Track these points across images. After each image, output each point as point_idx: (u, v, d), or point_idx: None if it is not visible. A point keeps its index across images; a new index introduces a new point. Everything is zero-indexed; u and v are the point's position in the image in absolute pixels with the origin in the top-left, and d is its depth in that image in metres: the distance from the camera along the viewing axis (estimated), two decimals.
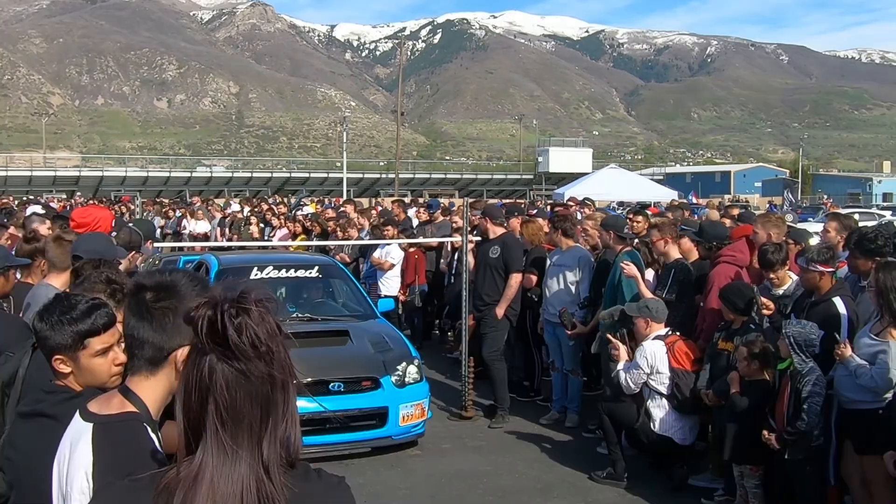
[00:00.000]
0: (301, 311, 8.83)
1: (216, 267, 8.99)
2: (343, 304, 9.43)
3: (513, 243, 9.15)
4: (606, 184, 27.39)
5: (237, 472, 1.51)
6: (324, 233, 14.43)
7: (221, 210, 21.89)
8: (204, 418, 1.52)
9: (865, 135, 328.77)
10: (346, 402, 7.23)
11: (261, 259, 9.90)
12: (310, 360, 7.07)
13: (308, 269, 9.41)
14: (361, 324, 8.51)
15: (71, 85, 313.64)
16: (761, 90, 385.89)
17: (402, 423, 7.45)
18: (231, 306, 1.51)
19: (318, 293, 9.63)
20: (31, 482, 2.32)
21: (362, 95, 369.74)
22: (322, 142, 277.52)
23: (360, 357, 7.69)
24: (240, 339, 1.49)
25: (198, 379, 1.52)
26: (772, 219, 7.67)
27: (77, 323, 2.50)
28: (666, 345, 6.80)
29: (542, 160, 75.59)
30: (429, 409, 7.81)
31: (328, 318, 8.80)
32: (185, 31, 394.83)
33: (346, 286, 9.60)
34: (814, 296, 5.93)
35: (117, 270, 3.43)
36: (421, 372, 7.83)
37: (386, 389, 7.41)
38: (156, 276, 2.14)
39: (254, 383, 1.51)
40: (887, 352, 5.13)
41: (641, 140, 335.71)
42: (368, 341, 7.94)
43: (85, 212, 6.23)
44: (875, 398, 5.25)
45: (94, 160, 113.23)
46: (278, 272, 9.02)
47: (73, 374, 2.51)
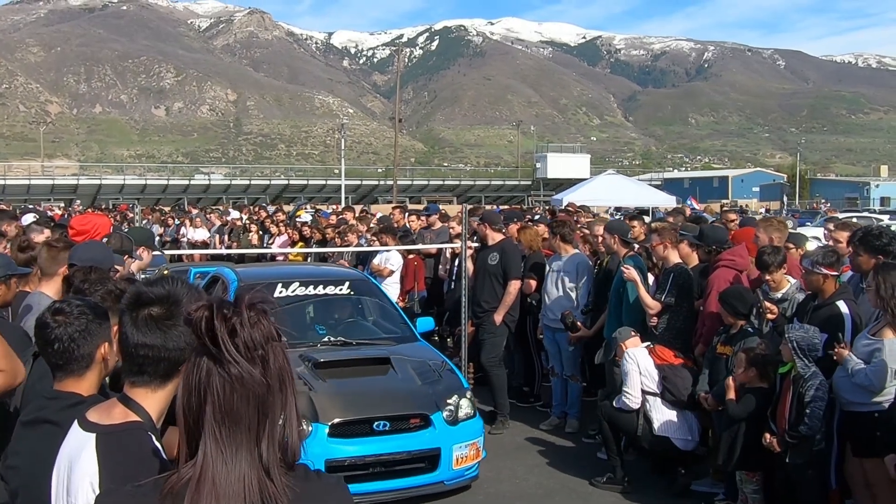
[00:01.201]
0: (332, 333, 7.78)
1: (235, 283, 8.13)
2: (378, 324, 8.45)
3: (512, 250, 9.15)
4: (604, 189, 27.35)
5: (238, 472, 1.53)
6: (323, 240, 14.43)
7: (220, 217, 21.90)
8: (202, 419, 1.54)
9: (862, 139, 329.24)
10: (392, 444, 6.29)
11: (285, 273, 8.86)
12: (348, 394, 6.42)
13: (338, 285, 8.31)
14: (401, 348, 7.52)
15: (69, 93, 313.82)
16: (758, 95, 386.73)
17: (455, 465, 6.52)
18: (225, 310, 1.53)
19: (351, 312, 8.64)
20: (37, 489, 2.32)
21: (360, 102, 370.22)
22: (320, 149, 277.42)
23: (407, 390, 6.69)
24: (233, 342, 1.51)
25: (196, 381, 1.55)
26: (773, 223, 7.70)
27: None
28: (647, 350, 6.92)
29: (540, 166, 75.77)
30: (484, 448, 6.87)
31: (364, 341, 7.75)
32: (183, 39, 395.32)
33: (380, 304, 8.62)
34: (817, 300, 5.93)
35: (110, 277, 3.45)
36: (474, 406, 6.87)
37: (437, 428, 6.44)
38: (157, 288, 2.12)
39: (249, 386, 1.53)
40: (882, 349, 5.14)
41: (639, 145, 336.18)
42: (413, 370, 6.95)
43: (84, 219, 6.25)
44: (873, 399, 5.25)
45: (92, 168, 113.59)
46: (305, 289, 8.03)
47: (103, 366, 2.58)
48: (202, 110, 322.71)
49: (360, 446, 6.17)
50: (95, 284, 3.29)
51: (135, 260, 5.31)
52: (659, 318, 7.41)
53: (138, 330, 2.06)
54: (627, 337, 7.06)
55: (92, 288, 3.26)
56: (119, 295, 3.09)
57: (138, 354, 2.07)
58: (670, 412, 6.71)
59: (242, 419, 1.54)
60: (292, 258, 15.03)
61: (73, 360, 2.53)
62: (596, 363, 8.43)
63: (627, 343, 6.99)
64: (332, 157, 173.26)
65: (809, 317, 5.81)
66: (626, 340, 7.02)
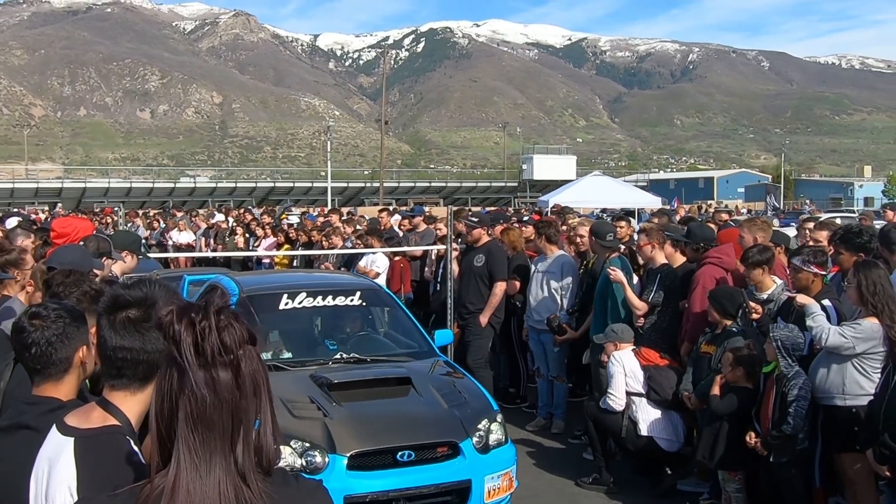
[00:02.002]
0: (344, 349, 7.06)
1: (236, 293, 7.32)
2: (393, 338, 7.72)
3: (497, 251, 9.17)
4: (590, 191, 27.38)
5: (212, 479, 1.50)
6: (309, 242, 14.41)
7: (206, 220, 21.82)
8: (175, 426, 1.51)
9: (846, 140, 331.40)
10: (418, 477, 5.59)
11: (290, 283, 8.08)
12: (367, 420, 5.77)
13: (348, 294, 7.57)
14: (421, 365, 6.84)
15: (53, 96, 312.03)
16: (743, 96, 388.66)
17: (487, 499, 5.82)
18: (193, 314, 1.51)
19: (362, 325, 7.86)
20: (16, 495, 2.30)
21: (346, 105, 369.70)
22: (306, 151, 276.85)
23: (432, 415, 5.98)
24: (202, 347, 1.49)
25: (168, 387, 1.53)
26: (757, 223, 7.74)
27: None
28: (632, 352, 6.95)
29: (527, 168, 75.88)
30: (516, 478, 6.13)
31: (379, 358, 7.04)
32: (168, 42, 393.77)
33: (395, 315, 7.86)
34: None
35: (88, 279, 3.43)
36: (505, 431, 6.15)
37: (467, 457, 5.74)
38: (135, 291, 2.11)
39: (220, 392, 1.50)
40: (861, 326, 5.23)
41: (625, 147, 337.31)
42: (437, 391, 6.22)
43: (65, 222, 6.21)
44: (846, 392, 5.31)
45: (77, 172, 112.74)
46: (313, 300, 7.34)
47: (81, 370, 2.54)
48: (187, 113, 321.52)
49: (383, 480, 5.50)
50: (71, 287, 3.26)
51: (115, 261, 5.27)
52: (645, 319, 7.43)
53: (116, 333, 2.05)
54: (628, 339, 7.05)
55: (67, 290, 3.24)
56: (95, 296, 3.07)
57: (117, 357, 2.06)
58: (655, 412, 6.73)
59: (215, 425, 1.51)
60: (278, 261, 15.01)
61: (50, 365, 2.50)
62: (583, 363, 8.48)
63: (622, 345, 6.99)
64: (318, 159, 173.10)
65: (794, 315, 5.84)
66: (622, 342, 7.00)
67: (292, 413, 5.63)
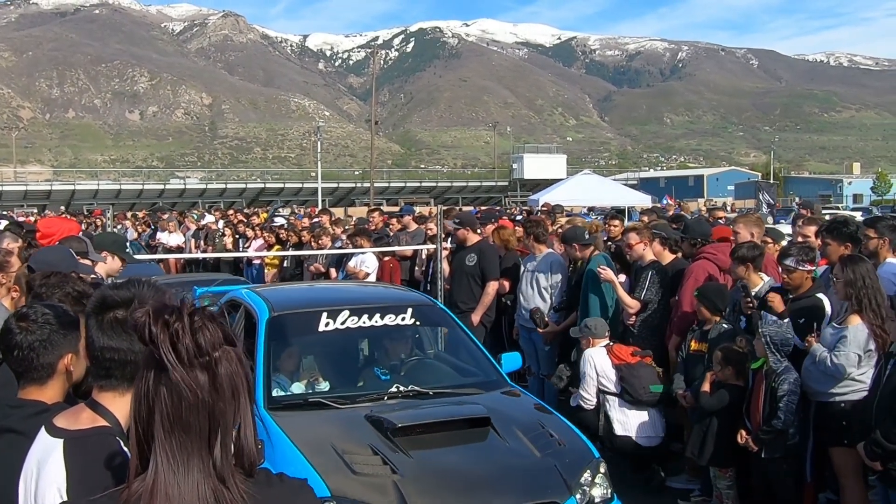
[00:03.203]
0: (400, 380, 5.79)
1: (266, 313, 5.98)
2: (454, 364, 6.46)
3: (489, 251, 9.15)
4: (581, 190, 27.46)
5: (190, 482, 1.49)
6: (299, 243, 14.38)
7: (196, 222, 21.76)
8: (152, 428, 1.50)
9: (835, 137, 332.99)
10: None
11: (329, 299, 6.61)
12: (445, 475, 4.53)
13: (399, 312, 6.17)
14: (496, 399, 5.51)
15: (41, 98, 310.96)
16: (732, 94, 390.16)
17: None
18: (167, 315, 1.49)
19: (417, 348, 6.62)
20: (1, 499, 2.28)
21: (336, 105, 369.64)
22: (296, 152, 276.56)
23: (525, 467, 4.68)
24: (175, 348, 1.47)
25: (144, 389, 1.51)
26: (752, 218, 7.79)
27: None
28: (605, 349, 6.93)
29: (517, 167, 75.91)
30: None
31: (444, 391, 5.71)
32: (157, 43, 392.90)
33: (454, 336, 6.59)
34: (791, 294, 5.97)
35: (71, 280, 3.40)
36: (609, 482, 4.91)
37: None
38: (121, 291, 2.10)
39: (196, 393, 1.48)
40: (847, 336, 5.21)
41: (615, 145, 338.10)
42: (523, 433, 4.95)
43: (50, 222, 6.19)
44: (839, 388, 5.31)
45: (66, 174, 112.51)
46: (358, 319, 5.97)
47: (66, 377, 2.50)
48: (177, 114, 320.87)
49: None
50: (53, 288, 3.23)
51: (94, 262, 5.23)
52: (636, 316, 7.44)
53: (104, 333, 2.05)
54: (602, 335, 7.07)
55: (49, 291, 3.20)
56: (77, 297, 3.05)
57: (104, 358, 2.06)
58: (630, 412, 6.71)
59: (192, 428, 1.49)
60: (268, 261, 14.98)
61: (32, 369, 2.48)
62: (572, 361, 8.48)
63: (595, 341, 7.00)
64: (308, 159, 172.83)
65: (788, 310, 5.85)
66: (598, 338, 7.03)
67: (352, 469, 4.46)
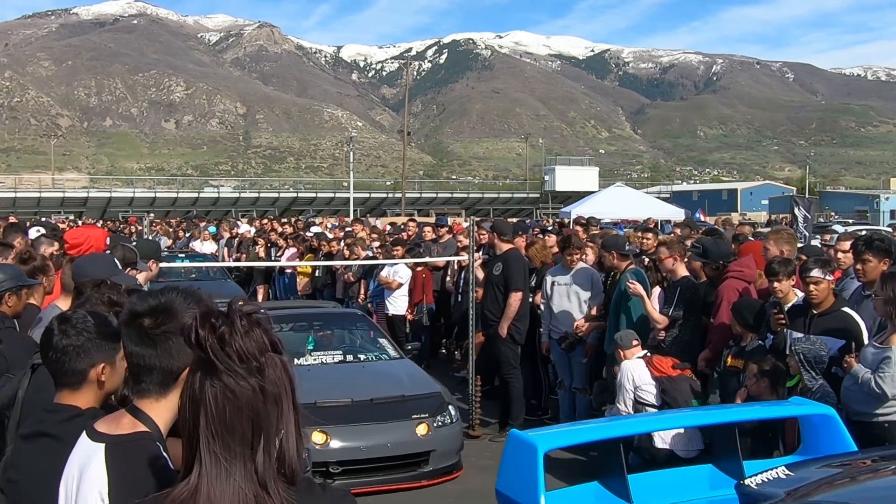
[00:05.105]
0: None
1: None
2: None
3: (514, 260, 9.00)
4: (613, 202, 27.38)
5: (233, 486, 1.50)
6: (330, 253, 14.46)
7: (229, 230, 21.95)
8: (198, 432, 1.52)
9: (872, 152, 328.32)
10: None
11: None
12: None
13: None
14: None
15: (79, 107, 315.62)
16: (767, 108, 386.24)
17: None
18: (214, 319, 1.51)
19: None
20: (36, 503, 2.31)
21: (369, 115, 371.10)
22: (329, 162, 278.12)
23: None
24: (223, 351, 1.49)
25: (191, 392, 1.53)
26: (783, 235, 7.65)
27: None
28: (644, 360, 6.85)
29: (549, 179, 75.79)
30: None
31: None
32: (193, 53, 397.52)
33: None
34: (814, 309, 5.88)
35: (119, 290, 3.44)
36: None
37: None
38: (148, 300, 2.15)
39: (241, 397, 1.50)
40: (891, 358, 5.10)
41: (648, 158, 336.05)
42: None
43: (77, 232, 6.27)
44: (882, 409, 5.22)
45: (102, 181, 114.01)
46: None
47: (98, 385, 2.51)
48: (212, 123, 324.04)
49: None
50: (94, 297, 3.28)
51: (140, 271, 5.30)
52: (666, 332, 7.39)
53: (131, 341, 2.11)
54: (628, 345, 7.03)
55: (91, 300, 3.24)
56: (111, 305, 3.09)
57: (134, 364, 2.12)
58: None
59: (236, 431, 1.50)
60: (300, 270, 15.07)
61: (63, 374, 2.50)
62: (604, 377, 8.45)
63: (627, 352, 6.97)
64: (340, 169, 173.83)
65: (814, 326, 5.77)
66: (626, 349, 6.99)
67: None
